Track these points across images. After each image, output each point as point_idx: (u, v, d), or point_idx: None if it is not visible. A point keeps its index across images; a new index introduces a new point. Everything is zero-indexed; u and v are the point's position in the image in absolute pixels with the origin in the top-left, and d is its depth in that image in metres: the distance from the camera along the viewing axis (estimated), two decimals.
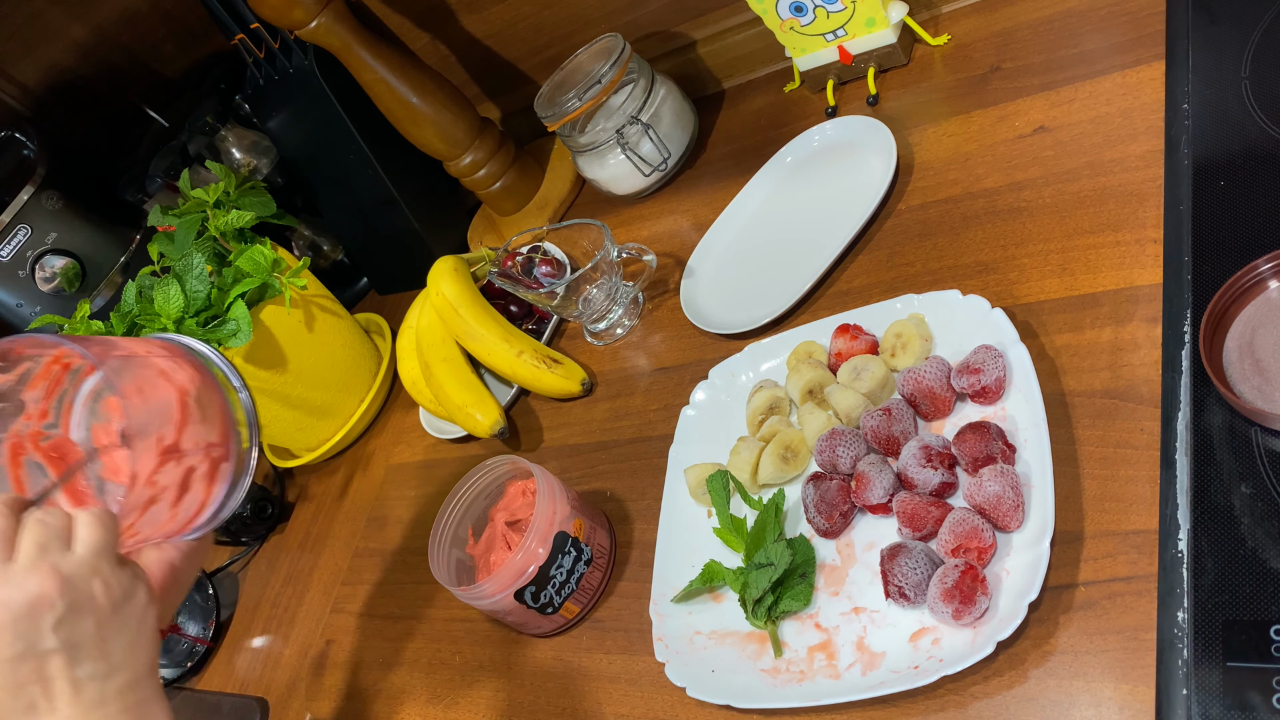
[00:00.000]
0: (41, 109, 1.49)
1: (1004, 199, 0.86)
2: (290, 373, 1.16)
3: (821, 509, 0.77)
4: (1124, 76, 0.85)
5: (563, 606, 0.87)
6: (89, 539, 0.60)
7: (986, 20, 0.99)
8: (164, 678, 1.19)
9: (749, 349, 0.92)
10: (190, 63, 1.50)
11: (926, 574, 0.69)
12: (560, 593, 0.86)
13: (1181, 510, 0.63)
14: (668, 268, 1.09)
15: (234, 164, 1.37)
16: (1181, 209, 0.74)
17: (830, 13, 1.00)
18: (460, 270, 1.12)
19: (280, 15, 1.09)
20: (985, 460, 0.71)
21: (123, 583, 0.61)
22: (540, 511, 0.84)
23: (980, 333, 0.78)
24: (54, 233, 1.32)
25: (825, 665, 0.72)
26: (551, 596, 0.85)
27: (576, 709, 0.84)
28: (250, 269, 1.10)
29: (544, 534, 0.84)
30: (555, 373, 1.05)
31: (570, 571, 0.86)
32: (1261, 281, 0.67)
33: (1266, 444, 0.63)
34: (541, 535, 0.84)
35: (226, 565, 1.27)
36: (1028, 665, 0.65)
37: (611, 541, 0.91)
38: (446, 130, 1.18)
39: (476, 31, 1.27)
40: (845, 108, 1.06)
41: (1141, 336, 0.72)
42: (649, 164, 1.13)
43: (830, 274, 0.94)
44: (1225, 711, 0.56)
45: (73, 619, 0.58)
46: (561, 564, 0.85)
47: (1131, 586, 0.63)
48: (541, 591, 0.85)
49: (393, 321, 1.32)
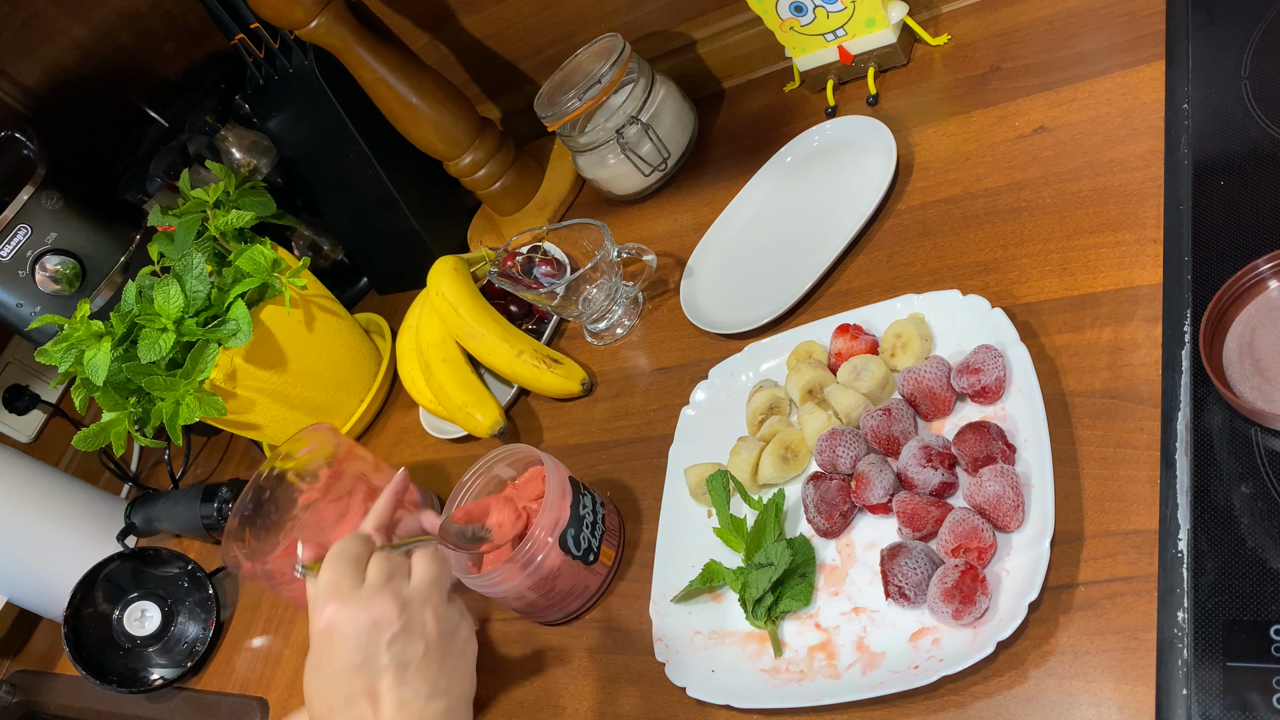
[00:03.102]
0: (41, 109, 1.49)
1: (1004, 199, 0.86)
2: (290, 373, 1.16)
3: (821, 509, 0.77)
4: (1124, 76, 0.85)
5: (600, 551, 0.87)
6: (425, 573, 0.68)
7: (986, 20, 0.99)
8: (164, 678, 1.19)
9: (749, 349, 0.92)
10: (190, 63, 1.50)
11: (926, 574, 0.69)
12: (594, 533, 0.87)
13: (1181, 510, 0.63)
14: (668, 268, 1.09)
15: (234, 164, 1.37)
16: (1181, 209, 0.74)
17: (830, 13, 1.00)
18: (460, 270, 1.12)
19: (280, 15, 1.09)
20: (985, 460, 0.71)
21: (451, 616, 0.68)
22: (549, 464, 0.86)
23: (980, 333, 0.78)
24: (54, 233, 1.32)
25: (825, 665, 0.72)
26: (589, 540, 0.86)
27: (576, 708, 0.84)
28: (250, 269, 1.10)
29: (560, 478, 0.86)
30: (555, 373, 1.05)
31: (594, 511, 0.88)
32: (1261, 281, 0.67)
33: (1266, 444, 0.63)
34: (559, 480, 0.85)
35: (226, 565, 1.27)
36: (1028, 665, 0.65)
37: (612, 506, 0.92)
38: (446, 130, 1.18)
39: (476, 31, 1.27)
40: (845, 108, 1.06)
41: (1141, 336, 0.72)
42: (649, 164, 1.13)
43: (830, 274, 0.94)
44: (1225, 711, 0.56)
45: (405, 640, 0.64)
46: (584, 504, 0.87)
47: (1131, 586, 0.63)
48: (579, 535, 0.86)
49: (393, 321, 1.32)
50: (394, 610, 0.64)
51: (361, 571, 0.67)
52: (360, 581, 0.66)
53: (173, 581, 1.24)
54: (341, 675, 0.63)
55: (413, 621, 0.65)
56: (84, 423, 1.56)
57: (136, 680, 1.20)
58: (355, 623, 0.64)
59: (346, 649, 0.63)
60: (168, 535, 1.35)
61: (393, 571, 0.67)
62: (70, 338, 1.09)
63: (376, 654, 0.63)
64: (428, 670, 0.65)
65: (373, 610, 0.64)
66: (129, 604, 1.22)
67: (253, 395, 1.14)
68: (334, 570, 0.66)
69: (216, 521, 1.24)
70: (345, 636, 0.64)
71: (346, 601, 0.64)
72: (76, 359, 1.09)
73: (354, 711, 0.62)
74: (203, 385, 1.09)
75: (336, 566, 0.66)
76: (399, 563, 0.68)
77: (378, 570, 0.67)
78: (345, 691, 0.63)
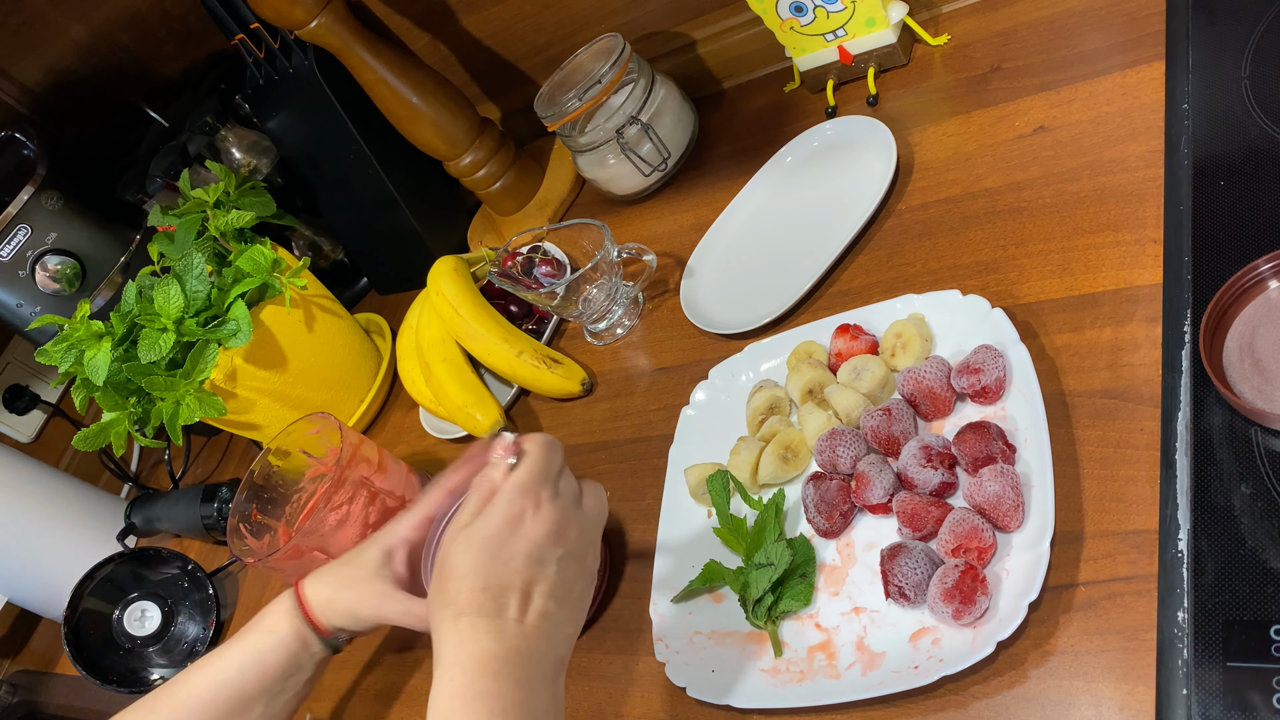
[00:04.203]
0: (41, 109, 1.49)
1: (1004, 199, 0.86)
2: (290, 373, 1.16)
3: (821, 509, 0.77)
4: (1124, 76, 0.85)
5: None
6: (595, 509, 0.72)
7: (986, 20, 0.99)
8: (164, 678, 1.19)
9: (749, 349, 0.92)
10: (190, 63, 1.50)
11: (926, 574, 0.69)
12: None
13: (1181, 510, 0.63)
14: (668, 268, 1.09)
15: (234, 164, 1.37)
16: (1181, 209, 0.74)
17: (830, 13, 1.00)
18: (460, 270, 1.12)
19: (280, 15, 1.09)
20: (985, 460, 0.71)
21: (597, 558, 0.72)
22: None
23: (980, 333, 0.78)
24: (54, 233, 1.32)
25: (825, 665, 0.72)
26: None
27: (576, 709, 0.84)
28: (250, 269, 1.10)
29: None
30: (555, 373, 1.05)
31: None
32: (1261, 281, 0.67)
33: (1266, 444, 0.63)
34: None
35: (227, 565, 1.27)
36: (1028, 665, 0.65)
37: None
38: (446, 130, 1.18)
39: (476, 31, 1.27)
40: (845, 108, 1.06)
41: (1141, 336, 0.72)
42: (649, 164, 1.13)
43: (830, 274, 0.94)
44: (1225, 711, 0.56)
45: (571, 562, 0.68)
46: None
47: (1131, 586, 0.63)
48: None
49: (393, 321, 1.32)
50: (574, 532, 0.68)
51: (556, 485, 0.69)
52: (555, 493, 0.69)
53: (173, 581, 1.24)
54: (510, 563, 0.65)
55: (578, 549, 0.69)
56: (84, 423, 1.56)
57: (136, 680, 1.20)
58: (544, 525, 0.67)
59: (526, 543, 0.66)
60: (168, 535, 1.35)
61: (578, 496, 0.71)
62: (70, 338, 1.09)
63: (548, 561, 0.66)
64: (572, 595, 0.68)
65: (561, 524, 0.67)
66: (129, 604, 1.22)
67: (253, 395, 1.14)
68: (538, 470, 0.69)
69: (216, 521, 1.24)
70: (530, 532, 0.66)
71: (543, 504, 0.67)
72: (76, 359, 1.09)
73: (505, 598, 0.64)
74: (203, 385, 1.09)
75: (541, 468, 0.69)
76: (578, 494, 0.71)
77: (570, 491, 0.70)
78: (505, 577, 0.65)
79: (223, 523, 1.23)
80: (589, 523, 0.71)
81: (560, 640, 0.66)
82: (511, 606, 0.64)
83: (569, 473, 0.71)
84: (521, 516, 0.67)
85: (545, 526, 0.67)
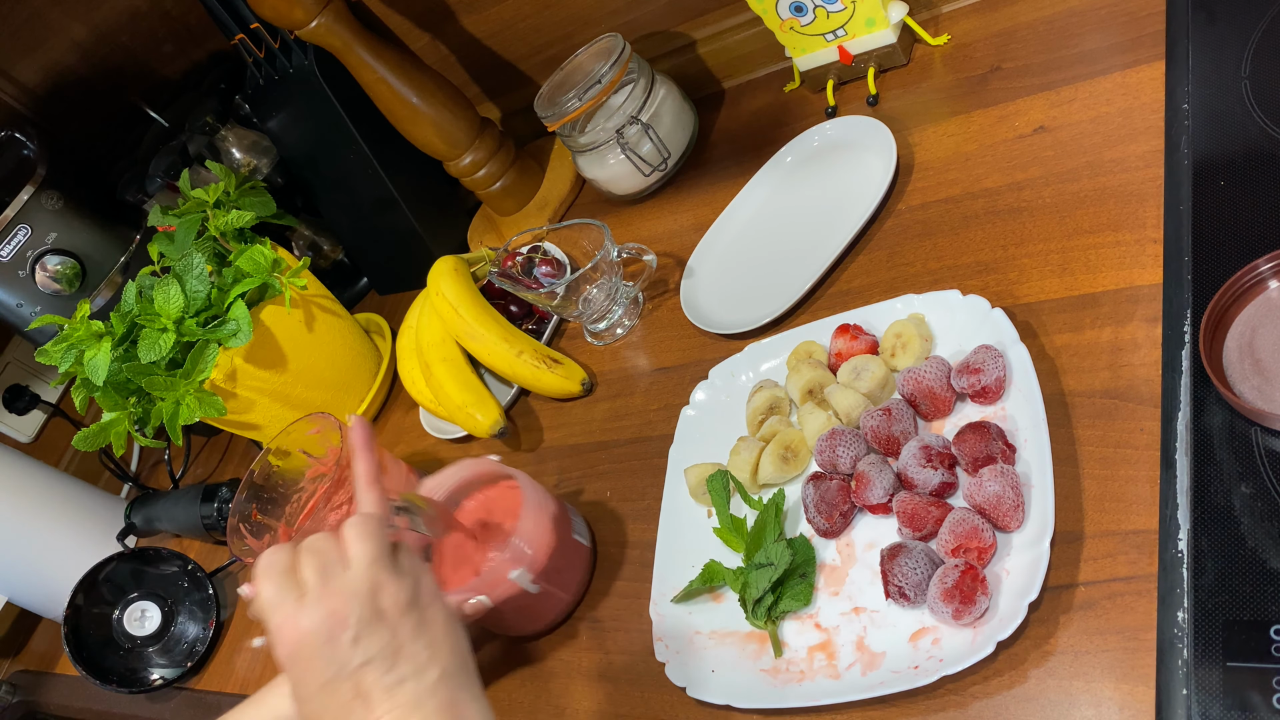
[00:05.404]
0: (41, 109, 1.49)
1: (1004, 199, 0.86)
2: (290, 373, 1.16)
3: (821, 509, 0.77)
4: (1124, 76, 0.85)
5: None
6: (362, 553, 0.62)
7: (986, 20, 0.99)
8: (164, 678, 1.19)
9: (749, 349, 0.92)
10: (190, 63, 1.50)
11: (926, 574, 0.69)
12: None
13: (1181, 510, 0.63)
14: (668, 268, 1.09)
15: (234, 164, 1.37)
16: (1181, 209, 0.74)
17: (830, 13, 1.00)
18: (460, 270, 1.12)
19: (280, 15, 1.09)
20: (985, 460, 0.71)
21: (405, 585, 0.63)
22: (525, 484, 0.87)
23: (980, 333, 0.78)
24: (54, 233, 1.32)
25: (825, 665, 0.72)
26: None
27: (576, 709, 0.84)
28: (250, 269, 1.10)
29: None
30: (555, 373, 1.05)
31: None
32: (1261, 281, 0.67)
33: (1266, 444, 0.63)
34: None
35: (227, 565, 1.27)
36: (1028, 665, 0.65)
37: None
38: (446, 130, 1.18)
39: (476, 31, 1.27)
40: (845, 108, 1.06)
41: (1141, 336, 0.72)
42: (649, 164, 1.13)
43: (830, 274, 0.94)
44: (1225, 711, 0.56)
45: (368, 631, 0.60)
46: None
47: (1131, 586, 0.63)
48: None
49: (393, 321, 1.32)
50: (343, 607, 0.60)
51: (295, 578, 0.62)
52: (297, 590, 0.61)
53: (173, 581, 1.24)
54: (324, 693, 0.60)
55: (367, 609, 0.60)
56: (84, 423, 1.56)
57: (136, 680, 1.20)
58: (313, 638, 0.60)
59: (315, 667, 0.60)
60: (168, 535, 1.35)
61: (326, 565, 0.62)
62: (70, 338, 1.09)
63: (346, 659, 0.59)
64: (403, 649, 0.61)
65: (321, 617, 0.60)
66: (129, 604, 1.22)
67: (253, 395, 1.14)
68: (268, 589, 0.62)
69: (216, 521, 1.24)
70: (308, 656, 0.60)
71: (291, 618, 0.60)
72: (76, 359, 1.09)
73: (351, 717, 0.59)
74: (203, 385, 1.09)
75: (269, 584, 0.62)
76: (329, 553, 0.62)
77: (311, 570, 0.62)
78: (335, 707, 0.59)
79: (223, 523, 1.23)
80: (358, 576, 0.61)
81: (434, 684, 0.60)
82: (364, 717, 0.59)
83: (307, 552, 0.62)
84: (292, 651, 0.60)
85: (316, 639, 0.60)
